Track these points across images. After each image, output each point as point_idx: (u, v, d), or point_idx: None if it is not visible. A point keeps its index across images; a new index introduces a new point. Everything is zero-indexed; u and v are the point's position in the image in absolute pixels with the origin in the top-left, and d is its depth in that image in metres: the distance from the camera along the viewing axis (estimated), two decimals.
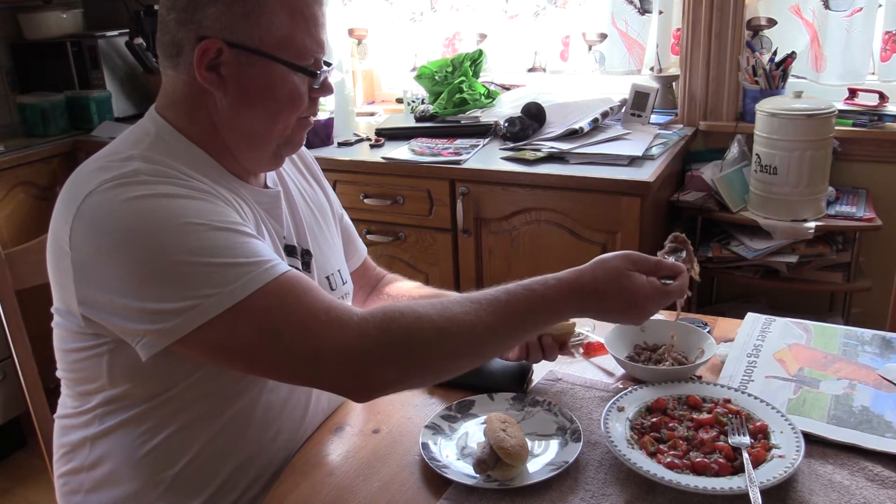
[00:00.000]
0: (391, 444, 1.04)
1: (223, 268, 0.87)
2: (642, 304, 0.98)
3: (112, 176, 0.91)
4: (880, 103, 2.17)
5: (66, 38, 2.85)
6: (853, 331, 1.25)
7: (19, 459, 2.55)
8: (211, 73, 0.95)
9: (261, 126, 1.00)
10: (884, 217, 2.06)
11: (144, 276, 0.87)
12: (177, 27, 0.95)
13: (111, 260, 0.88)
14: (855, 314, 2.24)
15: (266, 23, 0.94)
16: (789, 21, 2.27)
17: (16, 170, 2.56)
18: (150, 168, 0.93)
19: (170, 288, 0.87)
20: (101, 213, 0.89)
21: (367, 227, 2.28)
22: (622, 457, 0.93)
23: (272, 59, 0.96)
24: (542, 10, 2.57)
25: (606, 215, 1.98)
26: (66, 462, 1.08)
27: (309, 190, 1.22)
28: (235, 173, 1.04)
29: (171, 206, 0.90)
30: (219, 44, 0.94)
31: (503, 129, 2.29)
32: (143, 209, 0.89)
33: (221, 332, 0.87)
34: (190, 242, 0.88)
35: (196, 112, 0.99)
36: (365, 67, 2.96)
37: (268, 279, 0.88)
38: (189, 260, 0.87)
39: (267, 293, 0.88)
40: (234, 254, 0.89)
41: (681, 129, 2.33)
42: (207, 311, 0.86)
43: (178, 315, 0.86)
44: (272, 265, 0.90)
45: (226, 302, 0.86)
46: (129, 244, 0.87)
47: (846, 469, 0.93)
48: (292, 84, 0.98)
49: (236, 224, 0.93)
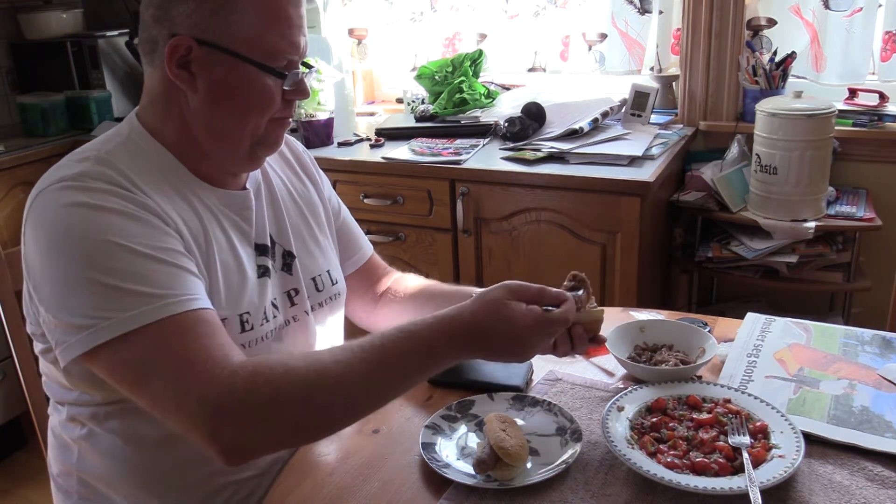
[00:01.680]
0: (391, 444, 1.04)
1: (126, 294, 0.86)
2: (524, 334, 0.92)
3: (60, 176, 0.93)
4: (880, 103, 2.17)
5: (66, 38, 2.85)
6: (853, 331, 1.25)
7: (19, 459, 2.55)
8: (182, 70, 0.95)
9: (230, 125, 0.99)
10: (884, 217, 2.06)
11: (63, 285, 0.88)
12: (152, 24, 0.96)
13: (43, 263, 0.91)
14: (855, 314, 2.24)
15: (235, 21, 0.94)
16: (789, 21, 2.27)
17: (16, 170, 2.55)
18: (97, 172, 0.93)
19: (78, 303, 0.87)
20: (42, 213, 0.92)
21: (367, 227, 2.28)
22: (622, 457, 0.93)
23: (240, 58, 0.95)
24: (542, 10, 2.57)
25: (606, 215, 1.98)
26: (59, 464, 1.10)
27: (300, 188, 1.21)
28: (207, 176, 1.03)
29: (100, 221, 0.89)
30: (189, 41, 0.94)
31: (503, 129, 2.29)
32: (75, 217, 0.89)
33: (109, 358, 0.87)
34: (106, 262, 0.87)
35: (169, 110, 1.00)
36: (365, 67, 2.96)
37: (163, 315, 0.86)
38: (100, 279, 0.87)
39: (157, 329, 0.86)
40: (142, 282, 0.87)
41: (681, 129, 2.33)
42: (103, 333, 0.85)
43: (80, 332, 0.86)
44: (175, 301, 0.88)
45: (117, 329, 0.85)
46: (56, 250, 0.89)
47: (846, 469, 0.93)
48: (262, 84, 0.97)
49: (162, 251, 0.91)
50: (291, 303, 1.11)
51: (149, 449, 1.01)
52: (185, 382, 0.83)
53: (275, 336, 1.07)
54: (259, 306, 1.04)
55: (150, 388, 0.85)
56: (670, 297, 2.41)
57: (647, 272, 2.07)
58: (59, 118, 2.80)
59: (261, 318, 1.04)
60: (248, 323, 1.02)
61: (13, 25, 2.93)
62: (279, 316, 1.08)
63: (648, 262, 2.08)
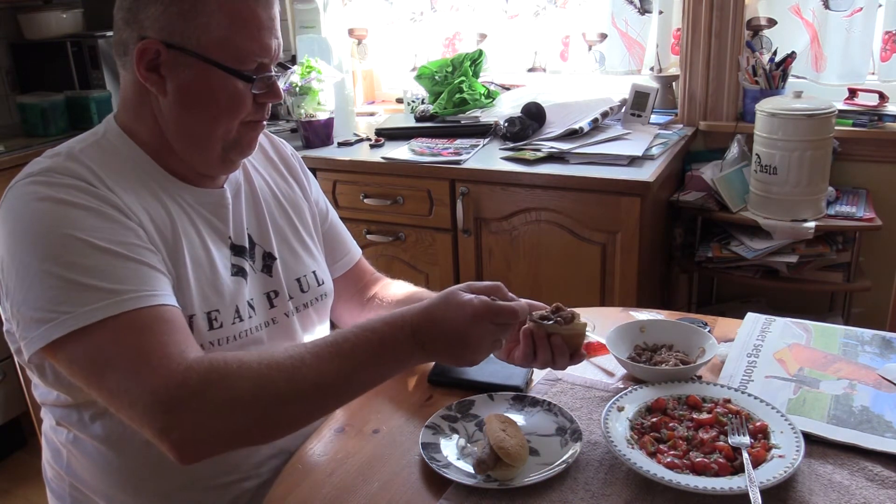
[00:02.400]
0: (391, 444, 1.04)
1: (83, 289, 0.86)
2: (471, 321, 0.90)
3: (29, 172, 0.94)
4: (880, 103, 2.17)
5: (66, 38, 2.84)
6: (853, 331, 1.25)
7: (19, 459, 2.55)
8: (151, 73, 0.96)
9: (201, 128, 0.99)
10: (884, 217, 2.06)
11: (25, 278, 0.88)
12: (123, 27, 0.97)
13: (9, 255, 0.91)
14: (855, 314, 2.24)
15: (203, 24, 0.93)
16: (789, 21, 2.27)
17: (16, 170, 2.50)
18: (64, 167, 0.94)
19: (39, 296, 0.87)
20: (10, 207, 0.92)
21: (367, 227, 2.28)
22: (622, 457, 0.93)
23: (208, 61, 0.94)
24: (542, 10, 2.57)
25: (606, 215, 1.98)
26: (50, 468, 1.10)
27: (285, 189, 1.20)
28: (182, 175, 1.03)
29: (63, 215, 0.90)
30: (157, 45, 0.94)
31: (503, 129, 2.29)
32: (38, 211, 0.90)
33: (68, 353, 0.86)
34: (66, 256, 0.87)
35: (142, 111, 1.00)
36: (365, 67, 2.96)
37: (121, 310, 0.86)
38: (60, 273, 0.87)
39: (114, 325, 0.86)
40: (100, 277, 0.87)
41: (681, 129, 2.34)
42: (59, 328, 0.85)
43: (40, 325, 0.86)
44: (134, 297, 0.88)
45: (74, 323, 0.85)
46: (20, 243, 0.90)
47: (846, 469, 0.93)
48: (232, 88, 0.97)
49: (124, 246, 0.91)
50: (271, 304, 1.11)
51: (133, 453, 1.01)
52: (139, 377, 0.83)
53: (253, 338, 1.06)
54: (230, 304, 1.04)
55: (106, 384, 0.85)
56: (670, 297, 2.41)
57: (647, 272, 2.07)
58: (59, 118, 2.80)
59: (232, 317, 1.03)
60: (216, 321, 1.01)
61: (13, 25, 2.93)
62: (255, 317, 1.08)
63: (648, 262, 2.08)
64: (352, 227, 2.36)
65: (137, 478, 1.03)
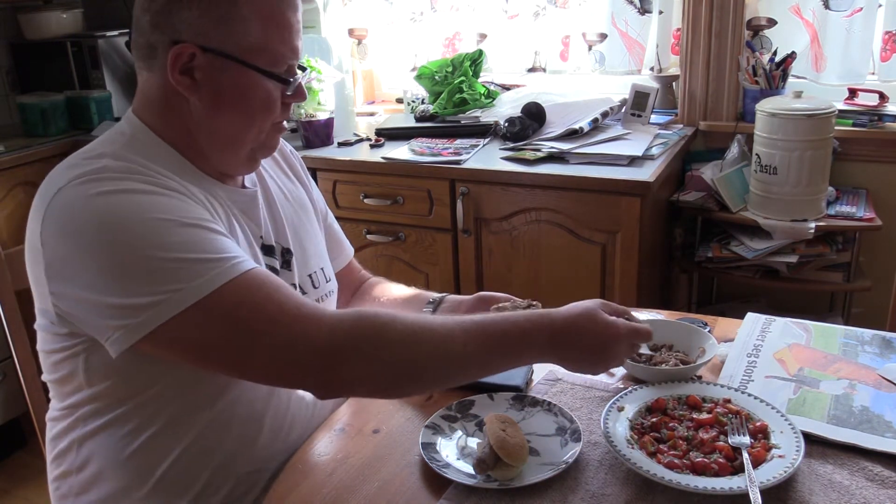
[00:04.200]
0: (391, 444, 1.04)
1: (190, 263, 0.87)
2: (613, 341, 0.97)
3: (81, 172, 0.91)
4: (880, 103, 2.17)
5: (66, 38, 2.85)
6: (853, 331, 1.25)
7: (19, 459, 2.55)
8: (184, 76, 0.96)
9: (235, 130, 1.00)
10: (884, 217, 2.06)
11: (112, 271, 0.87)
12: (151, 30, 0.96)
13: (79, 255, 0.89)
14: (855, 314, 2.24)
15: (239, 29, 0.94)
16: (789, 21, 2.27)
17: (16, 170, 2.55)
18: (120, 165, 0.93)
19: (137, 283, 0.86)
20: (70, 208, 0.90)
21: (367, 227, 2.28)
22: (622, 457, 0.93)
23: (245, 65, 0.96)
24: (542, 10, 2.57)
25: (606, 215, 1.98)
26: (57, 466, 1.09)
27: (291, 187, 1.22)
28: (210, 174, 1.04)
29: (139, 202, 0.90)
30: (192, 48, 0.94)
31: (503, 129, 2.29)
32: (110, 204, 0.89)
33: (189, 327, 0.86)
34: (157, 238, 0.87)
35: (169, 114, 1.00)
36: (365, 67, 2.96)
37: (235, 274, 0.88)
38: (156, 255, 0.87)
39: (234, 288, 0.87)
40: (201, 249, 0.88)
41: (681, 129, 2.33)
42: (175, 305, 0.85)
43: (145, 310, 0.86)
44: (239, 261, 0.90)
45: (192, 297, 0.86)
46: (96, 239, 0.88)
47: (846, 469, 0.93)
48: (265, 90, 0.99)
49: (204, 221, 0.93)
50: None
51: (148, 446, 1.01)
52: (287, 327, 0.86)
53: None
54: None
55: (244, 343, 0.87)
56: (670, 297, 2.41)
57: (647, 272, 2.07)
58: (59, 118, 2.80)
59: None
60: None
61: (13, 25, 2.93)
62: None
63: (648, 262, 2.08)
64: (352, 227, 2.36)
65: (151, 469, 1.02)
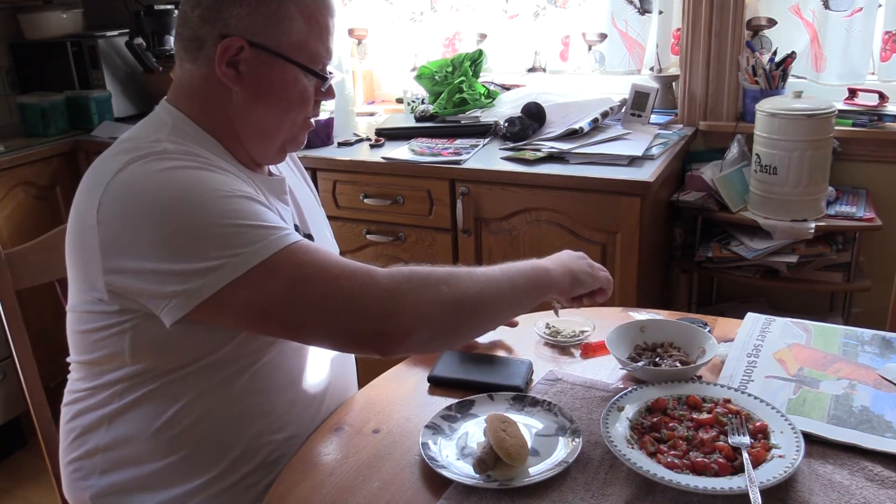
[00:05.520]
0: (391, 444, 1.04)
1: (250, 229, 0.93)
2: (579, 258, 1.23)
3: (143, 154, 0.97)
4: (880, 103, 2.16)
5: (66, 38, 2.84)
6: (853, 331, 1.25)
7: (19, 459, 2.55)
8: (230, 69, 1.02)
9: (272, 122, 1.07)
10: (884, 217, 2.06)
11: (175, 238, 0.93)
12: (200, 24, 1.02)
13: (142, 226, 0.94)
14: (855, 314, 2.24)
15: (286, 27, 1.02)
16: (789, 21, 2.27)
17: (16, 170, 2.55)
18: (177, 147, 1.00)
19: (199, 249, 0.92)
20: (135, 184, 0.95)
21: (367, 227, 2.28)
22: (622, 457, 0.93)
23: (288, 60, 1.03)
24: (542, 10, 2.57)
25: (606, 215, 1.98)
26: (79, 447, 1.09)
27: (299, 185, 1.28)
28: (244, 163, 1.10)
29: (200, 176, 0.97)
30: (241, 42, 1.01)
31: (503, 129, 2.29)
32: (174, 178, 0.95)
33: (250, 288, 0.91)
34: (218, 208, 0.94)
35: (210, 104, 1.06)
36: (365, 67, 2.96)
37: (291, 241, 0.95)
38: (218, 222, 0.93)
39: (294, 250, 0.94)
40: (259, 218, 0.95)
41: (681, 129, 2.33)
42: (236, 268, 0.91)
43: (207, 274, 0.91)
44: (290, 232, 0.97)
45: (254, 259, 0.91)
46: (161, 210, 0.93)
47: (846, 469, 0.93)
48: (303, 85, 1.06)
49: (256, 195, 1.00)
50: None
51: (186, 414, 1.03)
52: (348, 281, 0.93)
53: None
54: None
55: (308, 299, 0.92)
56: (670, 297, 2.41)
57: (647, 272, 2.07)
58: (59, 118, 2.80)
59: None
60: None
61: (13, 25, 2.93)
62: None
63: (648, 262, 2.08)
64: (352, 227, 2.37)
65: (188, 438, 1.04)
